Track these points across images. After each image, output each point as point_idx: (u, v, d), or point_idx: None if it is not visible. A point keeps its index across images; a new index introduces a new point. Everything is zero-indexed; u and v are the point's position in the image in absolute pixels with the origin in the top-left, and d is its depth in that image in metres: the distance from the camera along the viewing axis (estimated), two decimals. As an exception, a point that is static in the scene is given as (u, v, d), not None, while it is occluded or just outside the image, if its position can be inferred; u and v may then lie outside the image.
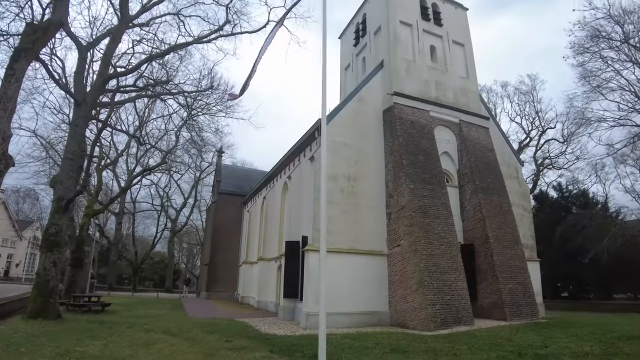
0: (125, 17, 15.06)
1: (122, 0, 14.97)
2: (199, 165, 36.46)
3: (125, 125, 28.32)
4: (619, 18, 18.89)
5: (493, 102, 35.77)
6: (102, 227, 41.57)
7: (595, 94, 23.94)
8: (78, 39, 14.63)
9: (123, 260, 47.27)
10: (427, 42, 17.46)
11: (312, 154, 14.95)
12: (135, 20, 16.21)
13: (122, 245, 46.16)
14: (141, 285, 48.50)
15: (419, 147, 14.82)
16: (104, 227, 43.53)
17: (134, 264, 46.91)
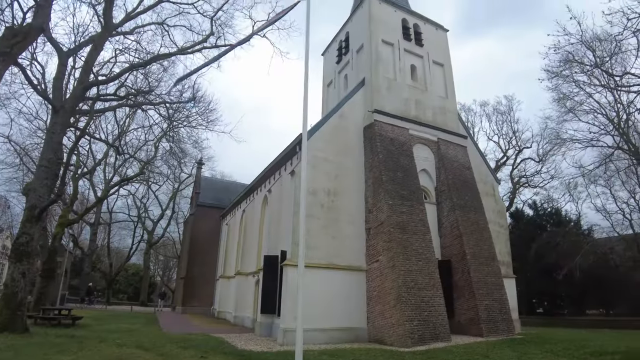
0: (109, 25, 14.99)
1: (106, 7, 14.91)
2: (178, 176, 36.03)
3: (104, 134, 27.87)
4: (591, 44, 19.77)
5: (471, 121, 36.75)
6: (76, 238, 40.33)
7: (569, 115, 24.91)
8: (59, 45, 14.46)
9: (97, 272, 45.86)
10: (408, 61, 17.94)
11: (293, 168, 15.01)
12: (119, 28, 16.15)
13: (96, 256, 44.84)
14: (115, 298, 47.03)
15: (398, 164, 15.06)
16: (78, 237, 42.26)
17: (107, 276, 45.56)
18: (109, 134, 28.36)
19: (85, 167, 28.07)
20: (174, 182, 38.74)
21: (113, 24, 15.32)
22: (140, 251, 48.96)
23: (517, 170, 35.79)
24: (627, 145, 23.84)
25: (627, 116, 24.03)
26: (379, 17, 17.79)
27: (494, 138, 36.66)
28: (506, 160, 36.03)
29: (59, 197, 20.00)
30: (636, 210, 27.39)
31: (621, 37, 12.19)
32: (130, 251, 47.72)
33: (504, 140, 36.29)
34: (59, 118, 13.41)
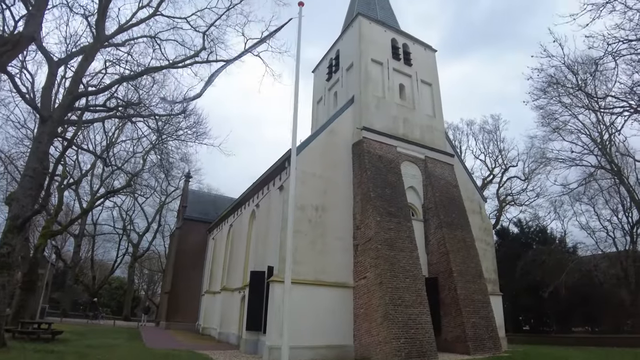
0: (101, 36, 15.01)
1: (99, 19, 14.94)
2: (165, 189, 35.69)
3: (92, 145, 27.60)
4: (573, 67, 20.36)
5: (459, 140, 37.31)
6: (59, 249, 39.48)
7: (554, 135, 25.48)
8: (49, 54, 14.41)
9: (79, 285, 44.77)
10: (397, 80, 18.29)
11: (282, 183, 15.03)
12: (111, 40, 16.18)
13: (79, 269, 43.84)
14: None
15: (386, 180, 15.20)
16: (61, 249, 41.36)
17: (90, 290, 44.49)
18: (96, 145, 28.12)
19: (72, 177, 27.65)
20: (160, 195, 38.39)
21: (105, 36, 15.36)
22: (124, 264, 48.05)
23: (503, 188, 36.32)
24: (609, 165, 24.43)
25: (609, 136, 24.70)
26: (369, 37, 18.18)
27: (480, 156, 37.22)
28: (492, 179, 36.56)
29: (43, 207, 19.64)
30: (619, 228, 27.91)
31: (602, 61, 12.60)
32: (115, 264, 46.83)
33: (491, 159, 36.90)
34: (46, 127, 13.28)
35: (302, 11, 10.39)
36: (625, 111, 15.35)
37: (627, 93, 14.87)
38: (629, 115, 15.40)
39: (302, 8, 10.41)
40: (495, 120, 37.23)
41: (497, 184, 36.37)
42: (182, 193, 33.58)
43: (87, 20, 16.22)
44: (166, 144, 21.92)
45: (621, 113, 15.84)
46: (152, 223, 44.08)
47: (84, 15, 16.19)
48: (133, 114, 19.03)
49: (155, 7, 16.49)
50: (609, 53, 11.77)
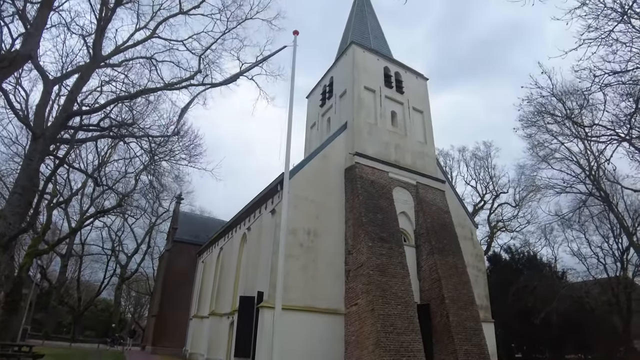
0: (98, 57, 15.11)
1: (96, 39, 15.06)
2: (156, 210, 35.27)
3: (84, 164, 27.35)
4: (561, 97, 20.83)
5: (450, 166, 37.61)
6: (44, 269, 38.56)
7: (543, 163, 25.81)
8: (45, 73, 14.43)
9: (64, 306, 43.54)
10: (389, 107, 18.61)
11: (274, 207, 14.98)
12: (107, 60, 16.30)
13: (65, 289, 42.74)
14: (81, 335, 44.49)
15: (378, 206, 15.22)
16: (47, 268, 40.39)
17: (75, 311, 43.26)
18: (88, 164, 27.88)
19: (61, 196, 27.28)
20: (151, 216, 37.89)
21: (102, 56, 15.47)
22: (111, 286, 47.02)
23: (495, 214, 36.48)
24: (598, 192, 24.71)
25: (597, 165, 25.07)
26: (362, 65, 18.58)
27: (471, 183, 37.51)
28: (484, 205, 36.74)
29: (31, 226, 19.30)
30: (610, 255, 28.04)
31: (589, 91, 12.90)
32: (102, 285, 45.80)
33: (482, 185, 37.18)
34: (38, 145, 13.18)
35: (296, 40, 10.62)
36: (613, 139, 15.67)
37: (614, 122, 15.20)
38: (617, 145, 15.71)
39: (297, 37, 10.65)
40: (487, 147, 37.66)
41: (488, 210, 36.59)
42: (173, 215, 33.29)
43: (85, 40, 16.35)
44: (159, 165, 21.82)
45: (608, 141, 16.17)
46: (142, 244, 43.45)
47: (82, 36, 16.35)
48: (126, 134, 18.99)
49: (153, 30, 16.76)
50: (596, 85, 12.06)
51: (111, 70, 17.76)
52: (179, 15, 16.87)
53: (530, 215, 34.11)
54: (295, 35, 10.77)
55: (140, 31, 16.92)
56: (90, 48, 15.66)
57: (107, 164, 25.69)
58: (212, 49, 17.62)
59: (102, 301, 52.44)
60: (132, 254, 43.74)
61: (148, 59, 17.54)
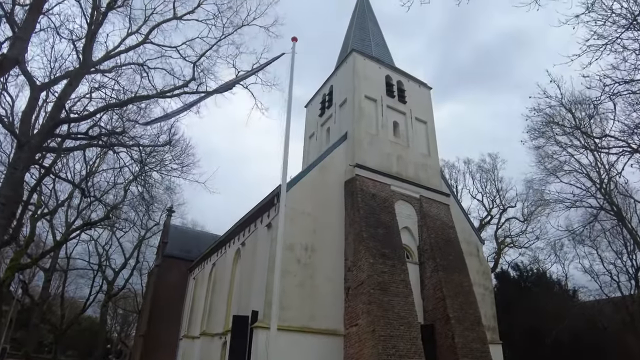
0: (87, 62, 15.13)
1: (86, 44, 15.11)
2: (145, 223, 35.03)
3: (71, 174, 27.23)
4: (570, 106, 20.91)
5: (455, 179, 37.52)
6: (26, 284, 38.07)
7: (552, 176, 25.78)
8: (33, 78, 14.42)
9: (46, 324, 42.93)
10: (391, 117, 18.69)
11: (270, 221, 14.93)
12: (98, 66, 16.34)
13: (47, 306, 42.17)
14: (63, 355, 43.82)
15: (379, 220, 15.15)
16: (29, 283, 39.89)
17: (57, 329, 42.64)
18: (75, 174, 27.76)
19: (47, 207, 27.12)
20: (140, 230, 37.58)
21: (92, 61, 15.50)
22: (97, 303, 46.42)
23: (502, 229, 36.25)
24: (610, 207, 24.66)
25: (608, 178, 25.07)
26: (363, 73, 18.70)
27: (477, 196, 37.35)
28: (490, 220, 36.58)
29: (14, 238, 19.13)
30: (623, 272, 27.85)
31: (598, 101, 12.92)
32: (87, 302, 45.21)
33: (488, 199, 37.05)
34: (23, 153, 13.10)
35: (295, 47, 10.67)
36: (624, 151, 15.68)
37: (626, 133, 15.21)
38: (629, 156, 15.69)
39: (295, 44, 10.70)
40: (493, 159, 37.57)
41: (495, 225, 36.36)
42: (163, 228, 33.08)
43: (74, 45, 16.42)
44: (149, 176, 21.75)
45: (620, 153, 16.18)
46: (130, 259, 42.97)
47: (71, 40, 16.42)
48: (116, 143, 18.95)
49: (145, 35, 16.83)
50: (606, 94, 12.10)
51: (101, 77, 17.78)
52: (172, 20, 16.98)
53: (539, 230, 33.93)
54: (293, 41, 10.81)
55: (132, 36, 17.02)
56: (80, 53, 15.73)
57: (95, 174, 25.58)
58: (207, 56, 17.70)
59: (86, 319, 51.79)
60: (119, 269, 43.27)
61: (140, 65, 17.59)
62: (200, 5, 16.97)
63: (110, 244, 42.68)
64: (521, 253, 35.04)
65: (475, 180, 37.89)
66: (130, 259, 43.06)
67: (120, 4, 16.18)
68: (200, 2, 16.92)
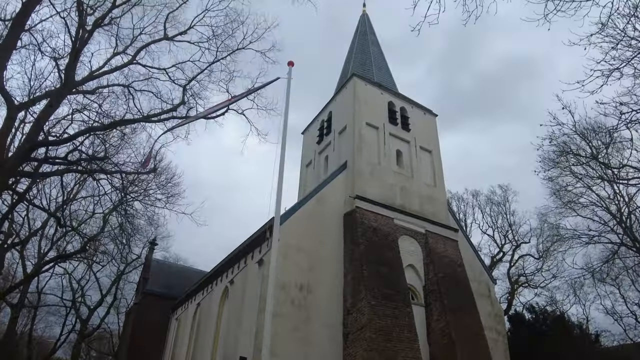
0: (70, 82, 15.26)
1: (70, 63, 15.29)
2: (125, 257, 34.68)
3: (46, 200, 27.11)
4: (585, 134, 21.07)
5: (463, 212, 37.50)
6: (-10, 322, 37.29)
7: (568, 209, 25.75)
8: (10, 97, 14.51)
9: (10, 368, 41.76)
10: (394, 146, 18.89)
11: (261, 257, 14.83)
12: (80, 86, 16.51)
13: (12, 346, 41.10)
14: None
15: (381, 257, 15.07)
16: (-8, 320, 39.10)
17: (22, 374, 41.45)
18: (51, 201, 27.64)
19: (18, 236, 26.86)
20: (119, 264, 37.18)
21: (74, 81, 15.65)
22: (69, 343, 45.37)
23: (515, 267, 35.95)
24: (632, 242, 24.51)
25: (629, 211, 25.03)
26: (364, 99, 19.03)
27: (488, 231, 37.20)
28: (502, 257, 36.33)
29: (-19, 270, 18.85)
30: (649, 314, 27.47)
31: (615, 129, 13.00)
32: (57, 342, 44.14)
33: (500, 234, 36.88)
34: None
35: (291, 71, 10.85)
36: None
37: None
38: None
39: (292, 68, 10.88)
40: (503, 191, 37.59)
41: (507, 262, 36.06)
42: (145, 262, 32.80)
43: (57, 63, 16.62)
44: (131, 206, 21.67)
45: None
46: (107, 296, 42.23)
47: (54, 58, 16.66)
48: (96, 169, 18.96)
49: (132, 56, 17.12)
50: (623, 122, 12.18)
51: (84, 98, 17.94)
52: (162, 41, 17.31)
53: (556, 268, 33.55)
54: (290, 66, 10.99)
55: (118, 56, 17.29)
56: (63, 72, 15.90)
57: (72, 201, 25.50)
58: (198, 80, 17.96)
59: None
60: (95, 307, 42.44)
61: (125, 87, 17.82)
62: (193, 27, 17.36)
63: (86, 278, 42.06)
64: (537, 293, 34.68)
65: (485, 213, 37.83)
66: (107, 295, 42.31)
67: (108, 22, 16.54)
68: (193, 23, 17.32)
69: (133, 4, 16.57)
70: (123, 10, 16.65)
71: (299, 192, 21.82)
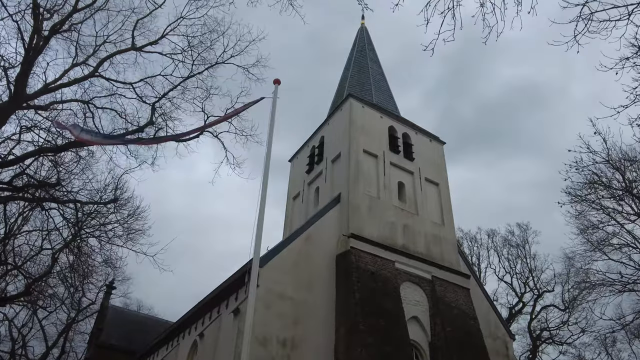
0: (20, 95, 15.30)
1: (21, 73, 15.37)
2: (77, 302, 34.21)
3: (-18, 233, 26.77)
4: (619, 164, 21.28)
5: (476, 254, 37.56)
6: None
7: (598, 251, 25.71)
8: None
9: None
10: (395, 177, 19.10)
11: (237, 305, 14.67)
12: (32, 100, 16.52)
13: None
14: None
15: (381, 308, 15.01)
16: None
17: None
18: (-10, 233, 27.30)
19: (-53, 276, 26.31)
20: (70, 310, 36.61)
21: (25, 95, 15.70)
22: (2, 407, 43.94)
23: (537, 320, 35.85)
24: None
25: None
26: (361, 123, 19.31)
27: (505, 278, 37.18)
28: (522, 308, 36.25)
29: None
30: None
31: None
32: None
33: (519, 282, 36.86)
34: None
35: (277, 90, 10.97)
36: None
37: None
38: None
39: (278, 87, 11.01)
40: (523, 231, 37.77)
41: (528, 315, 36.00)
42: (100, 309, 32.24)
43: (6, 74, 16.66)
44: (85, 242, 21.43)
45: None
46: (53, 348, 41.39)
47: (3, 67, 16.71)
48: (46, 197, 18.81)
49: (94, 67, 17.26)
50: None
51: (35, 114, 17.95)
52: (129, 51, 17.51)
53: (585, 321, 33.47)
54: (276, 84, 11.13)
55: (78, 68, 17.45)
56: (12, 83, 15.94)
57: (16, 235, 25.19)
58: (170, 97, 18.11)
59: None
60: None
61: (85, 103, 17.91)
62: (165, 36, 17.63)
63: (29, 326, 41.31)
64: (563, 351, 34.56)
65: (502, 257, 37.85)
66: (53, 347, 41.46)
67: (67, 28, 16.76)
68: (165, 32, 17.59)
69: (97, 9, 16.86)
70: (85, 15, 16.94)
71: (284, 229, 21.79)
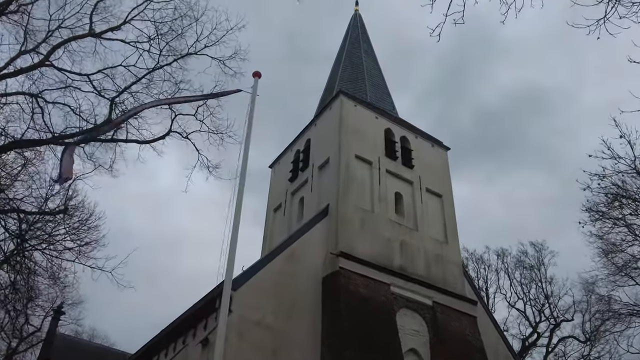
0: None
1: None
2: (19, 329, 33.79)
3: None
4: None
5: (484, 277, 37.61)
6: None
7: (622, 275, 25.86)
8: None
9: None
10: (392, 187, 19.12)
11: (206, 335, 14.48)
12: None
13: None
14: None
15: (373, 339, 14.95)
16: None
17: None
18: None
19: None
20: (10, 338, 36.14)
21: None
22: None
23: (555, 354, 35.94)
24: None
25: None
26: (353, 125, 19.33)
27: (517, 304, 37.30)
28: (537, 339, 36.35)
29: None
30: None
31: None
32: None
33: (533, 309, 36.98)
34: None
35: (257, 84, 10.98)
36: None
37: None
38: None
39: (259, 80, 11.02)
40: (538, 252, 37.95)
41: (544, 347, 36.12)
42: (46, 338, 31.81)
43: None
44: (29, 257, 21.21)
45: None
46: (-10, 384, 40.79)
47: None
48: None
49: (45, 55, 17.17)
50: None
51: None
52: (87, 37, 17.45)
53: (608, 355, 33.70)
54: (256, 77, 11.14)
55: (27, 55, 17.33)
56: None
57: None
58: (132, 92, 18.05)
59: None
60: (-29, 399, 40.84)
61: (33, 96, 17.79)
62: (129, 22, 17.60)
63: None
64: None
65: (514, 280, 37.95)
66: (-10, 383, 40.89)
67: (15, 9, 16.67)
68: (129, 17, 17.57)
69: (51, -13, 16.78)
70: (36, -5, 16.84)
71: (262, 246, 21.66)
